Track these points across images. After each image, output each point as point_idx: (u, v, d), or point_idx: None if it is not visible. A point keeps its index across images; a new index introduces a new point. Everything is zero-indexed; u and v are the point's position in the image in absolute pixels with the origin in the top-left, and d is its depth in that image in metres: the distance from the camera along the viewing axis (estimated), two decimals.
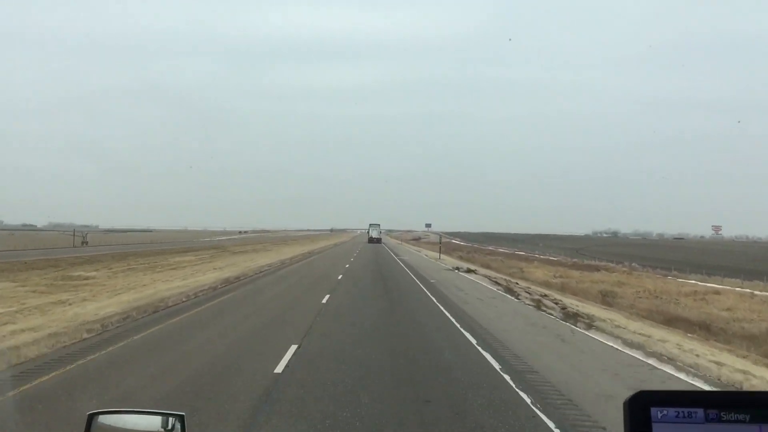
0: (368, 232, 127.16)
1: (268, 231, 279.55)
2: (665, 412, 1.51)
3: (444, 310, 21.02)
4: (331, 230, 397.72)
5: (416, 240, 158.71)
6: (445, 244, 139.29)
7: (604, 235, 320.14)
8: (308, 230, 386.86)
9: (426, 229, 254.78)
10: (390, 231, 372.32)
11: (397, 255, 71.06)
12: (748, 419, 1.50)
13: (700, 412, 1.52)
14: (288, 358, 11.44)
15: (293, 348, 12.48)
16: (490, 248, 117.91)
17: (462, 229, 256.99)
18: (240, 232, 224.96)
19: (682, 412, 1.51)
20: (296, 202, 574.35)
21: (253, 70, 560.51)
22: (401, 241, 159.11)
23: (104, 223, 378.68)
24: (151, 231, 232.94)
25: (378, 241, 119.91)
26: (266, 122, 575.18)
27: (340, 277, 35.02)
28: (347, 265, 46.60)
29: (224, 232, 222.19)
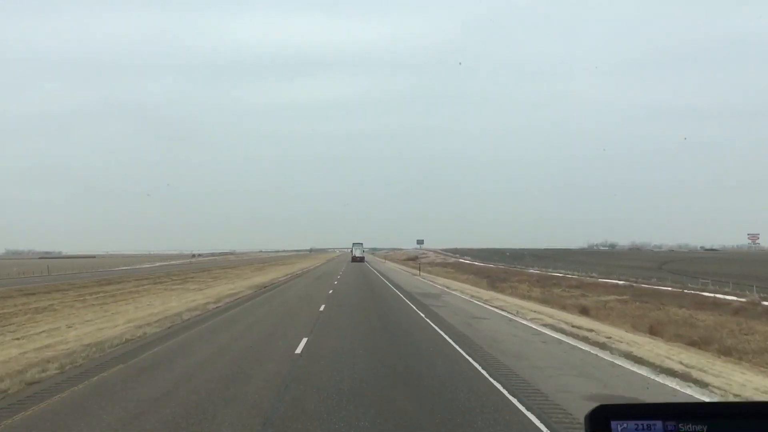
0: (351, 251, 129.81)
1: (231, 253, 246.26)
2: (625, 425, 1.56)
3: None
4: (311, 250, 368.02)
5: (412, 260, 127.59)
6: (454, 265, 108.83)
7: (601, 248, 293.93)
8: (284, 251, 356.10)
9: (418, 246, 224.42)
10: (374, 249, 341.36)
11: (398, 288, 40.66)
12: (705, 430, 1.55)
13: (659, 424, 1.57)
14: None
15: None
16: (517, 269, 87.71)
17: (455, 245, 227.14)
18: (193, 255, 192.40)
19: (641, 424, 1.56)
20: (273, 221, 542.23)
21: (223, 86, 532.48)
22: (388, 260, 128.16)
23: (68, 249, 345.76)
24: (94, 257, 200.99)
25: (361, 259, 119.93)
26: (240, 140, 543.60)
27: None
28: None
29: (177, 256, 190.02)
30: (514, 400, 9.61)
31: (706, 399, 9.87)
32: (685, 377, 11.70)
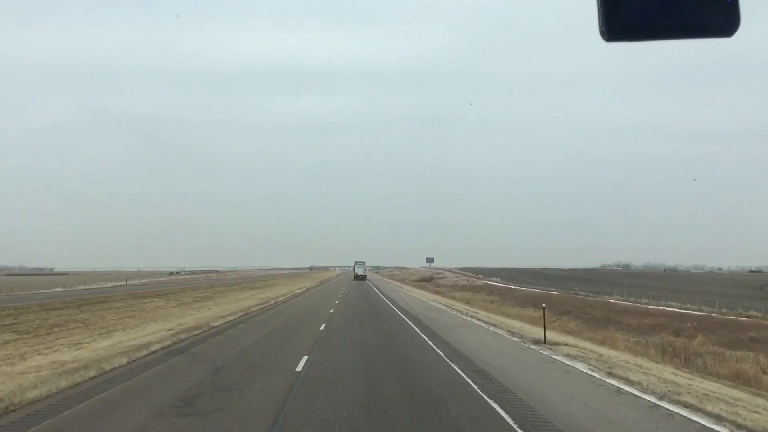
0: (354, 270, 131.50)
1: (215, 271, 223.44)
2: None
3: None
4: (311, 268, 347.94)
5: (426, 281, 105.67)
6: (486, 289, 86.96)
7: (614, 268, 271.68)
8: (282, 269, 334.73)
9: (428, 264, 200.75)
10: (377, 268, 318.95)
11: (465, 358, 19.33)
12: None
13: None
14: None
15: None
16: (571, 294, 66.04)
17: (463, 264, 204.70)
18: (171, 273, 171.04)
19: None
20: (274, 239, 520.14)
21: (217, 101, 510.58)
22: (396, 281, 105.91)
23: (60, 265, 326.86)
24: (67, 273, 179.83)
25: (363, 278, 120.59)
26: (236, 156, 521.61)
27: None
28: None
29: (157, 273, 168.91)
30: None
31: None
32: None
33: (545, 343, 20.27)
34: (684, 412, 10.17)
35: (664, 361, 21.17)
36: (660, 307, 49.54)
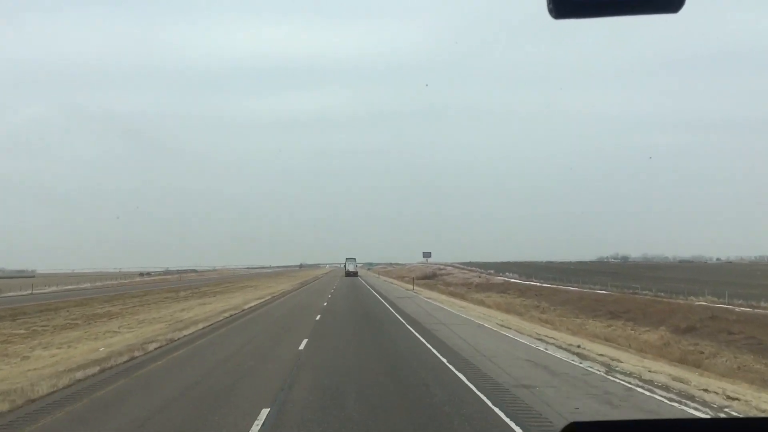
0: (345, 266, 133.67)
1: (193, 270, 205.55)
2: None
3: None
4: (300, 266, 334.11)
5: (429, 278, 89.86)
6: (505, 287, 69.92)
7: (612, 260, 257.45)
8: (269, 267, 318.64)
9: (425, 260, 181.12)
10: (370, 265, 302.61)
11: None
12: None
13: None
14: None
15: None
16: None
17: (460, 259, 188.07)
18: (141, 274, 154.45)
19: None
20: (262, 236, 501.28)
21: (200, 98, 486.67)
22: (399, 280, 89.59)
23: (41, 267, 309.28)
24: (33, 275, 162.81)
25: (355, 274, 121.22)
26: (224, 154, 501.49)
27: None
28: None
29: (126, 275, 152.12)
30: None
31: None
32: None
33: None
34: None
35: None
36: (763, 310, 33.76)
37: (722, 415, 10.34)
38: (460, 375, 13.66)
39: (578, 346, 18.28)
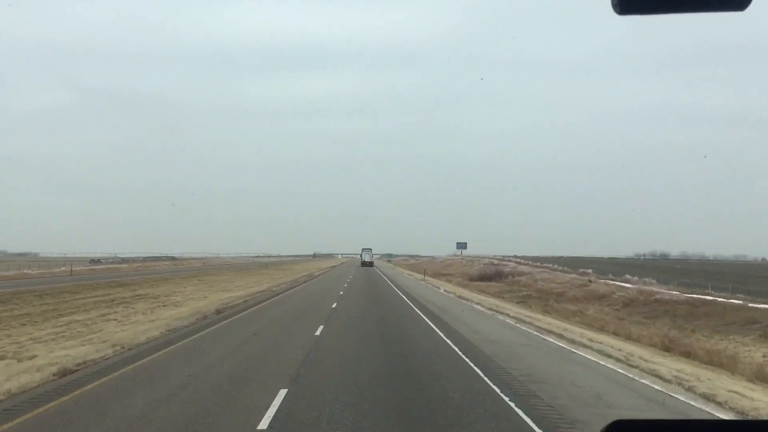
0: (361, 257, 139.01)
1: (174, 258, 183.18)
2: None
3: None
4: (314, 255, 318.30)
5: (490, 280, 69.59)
6: (646, 301, 44.43)
7: (649, 257, 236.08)
8: (282, 255, 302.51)
9: (459, 251, 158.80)
10: (389, 256, 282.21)
11: None
12: None
13: None
14: None
15: None
16: None
17: (492, 252, 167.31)
18: (91, 261, 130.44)
19: None
20: (278, 224, 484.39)
21: (215, 81, 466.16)
22: (431, 279, 68.03)
23: (45, 250, 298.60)
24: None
25: (370, 264, 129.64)
26: (236, 139, 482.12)
27: None
28: None
29: (77, 260, 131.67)
30: None
31: None
32: None
33: None
34: None
35: None
36: None
37: None
38: None
39: None
